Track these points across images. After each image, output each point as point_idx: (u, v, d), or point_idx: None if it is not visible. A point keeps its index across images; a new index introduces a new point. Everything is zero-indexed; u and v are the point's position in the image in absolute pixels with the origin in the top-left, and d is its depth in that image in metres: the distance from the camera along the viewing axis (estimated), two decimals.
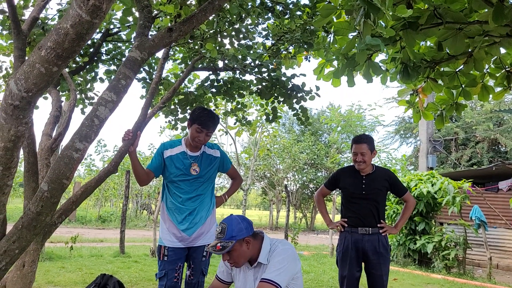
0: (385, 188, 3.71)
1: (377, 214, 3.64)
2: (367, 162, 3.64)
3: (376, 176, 3.71)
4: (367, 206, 3.65)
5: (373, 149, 3.70)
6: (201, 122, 3.12)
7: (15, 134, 1.55)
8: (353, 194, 3.71)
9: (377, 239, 3.59)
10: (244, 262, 2.39)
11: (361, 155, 3.64)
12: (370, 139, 3.71)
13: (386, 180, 3.72)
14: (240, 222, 2.37)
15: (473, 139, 19.91)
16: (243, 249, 2.34)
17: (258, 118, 12.35)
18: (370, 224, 3.62)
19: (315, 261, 9.91)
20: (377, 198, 3.66)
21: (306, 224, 27.25)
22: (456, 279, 8.03)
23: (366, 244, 3.60)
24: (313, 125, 25.97)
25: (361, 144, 3.66)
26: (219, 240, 2.31)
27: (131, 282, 6.11)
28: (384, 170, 3.83)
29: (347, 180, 3.78)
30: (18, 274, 2.29)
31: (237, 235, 2.31)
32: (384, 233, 3.63)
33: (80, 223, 19.47)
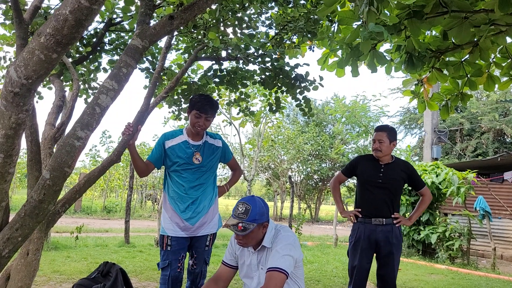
0: (402, 180, 3.69)
1: (392, 204, 3.61)
2: (383, 150, 3.63)
3: (394, 166, 3.70)
4: (382, 196, 3.62)
5: (393, 139, 3.68)
6: (199, 107, 3.11)
7: (15, 122, 1.55)
8: (369, 182, 3.68)
9: (390, 230, 3.57)
10: (254, 244, 2.41)
11: (378, 142, 3.64)
12: (391, 129, 3.73)
13: (404, 171, 3.69)
14: (263, 206, 2.39)
15: (479, 130, 19.79)
16: (259, 232, 2.37)
17: (262, 108, 12.31)
18: (384, 215, 3.59)
19: (319, 251, 9.94)
20: (393, 188, 3.63)
21: (310, 215, 27.31)
22: (460, 270, 8.03)
23: (379, 235, 3.56)
24: (317, 116, 25.90)
25: (381, 132, 3.69)
26: (240, 220, 2.31)
27: (135, 271, 6.16)
28: (404, 162, 3.81)
29: (365, 167, 3.76)
30: (22, 262, 2.31)
31: (258, 219, 2.32)
32: (398, 224, 3.61)
33: (85, 213, 19.61)
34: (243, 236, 2.35)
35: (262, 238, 2.40)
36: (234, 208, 2.40)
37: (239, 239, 2.38)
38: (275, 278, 2.19)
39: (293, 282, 2.39)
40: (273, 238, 2.39)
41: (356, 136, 25.44)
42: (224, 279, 2.58)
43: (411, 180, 3.75)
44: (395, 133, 3.74)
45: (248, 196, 2.44)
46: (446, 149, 20.46)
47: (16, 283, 2.22)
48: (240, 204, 2.36)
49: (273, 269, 2.22)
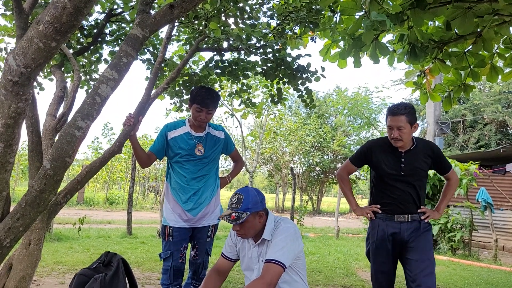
0: (427, 166, 3.08)
1: (418, 198, 3.05)
2: (405, 139, 2.97)
3: (417, 152, 3.05)
4: (407, 190, 3.03)
5: (414, 121, 2.99)
6: (200, 101, 3.10)
7: (15, 111, 1.55)
8: (389, 175, 3.07)
9: (418, 227, 3.01)
10: (253, 235, 2.41)
11: (397, 130, 2.95)
12: (410, 109, 2.97)
13: (429, 156, 3.06)
14: (256, 195, 2.39)
15: (481, 121, 19.74)
16: (255, 222, 2.36)
17: (263, 100, 12.29)
18: (409, 210, 3.03)
19: (320, 243, 9.97)
20: (418, 179, 3.05)
21: (312, 206, 27.35)
22: (462, 261, 8.05)
23: (406, 233, 3.01)
24: (319, 107, 25.86)
25: (398, 116, 2.94)
26: (233, 210, 2.32)
27: (138, 262, 6.19)
28: (427, 143, 3.14)
29: (382, 157, 3.11)
30: (24, 252, 2.32)
31: (252, 208, 2.33)
32: (427, 219, 3.04)
33: (88, 205, 19.69)
34: (240, 227, 2.35)
35: (261, 229, 2.40)
36: (230, 200, 2.42)
37: (237, 230, 2.38)
38: (271, 270, 2.18)
39: (295, 273, 2.39)
40: (273, 230, 2.39)
41: (358, 128, 25.40)
42: (224, 271, 2.59)
43: (436, 164, 3.13)
44: (414, 112, 3.03)
45: (242, 187, 2.45)
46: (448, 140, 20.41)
47: (18, 272, 2.23)
48: (233, 195, 2.38)
49: (270, 261, 2.22)
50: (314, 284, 5.31)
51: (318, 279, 5.70)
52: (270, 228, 2.39)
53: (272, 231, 2.38)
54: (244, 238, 2.44)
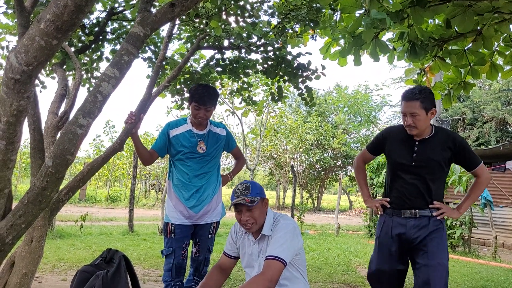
0: (444, 159, 2.76)
1: (428, 192, 2.77)
2: (419, 126, 2.72)
3: (434, 142, 2.77)
4: (415, 182, 2.78)
5: (431, 107, 2.71)
6: (197, 99, 3.11)
7: (17, 109, 1.56)
8: (399, 165, 2.84)
9: (426, 224, 2.73)
10: (260, 225, 2.42)
11: (411, 117, 2.70)
12: (425, 94, 2.71)
13: (449, 147, 2.75)
14: (260, 185, 2.47)
15: (481, 119, 19.72)
16: (263, 208, 2.42)
17: (264, 98, 12.29)
18: (417, 205, 2.77)
19: (320, 240, 9.99)
20: (430, 172, 2.76)
21: (313, 204, 27.39)
22: (461, 258, 8.07)
23: (412, 231, 2.74)
24: (319, 105, 25.86)
25: (412, 101, 2.69)
26: (245, 196, 2.35)
27: (139, 259, 6.21)
28: (448, 134, 2.82)
29: (395, 145, 2.89)
30: (27, 249, 2.34)
31: (260, 193, 2.40)
32: (440, 216, 2.75)
33: (90, 202, 19.73)
34: (251, 215, 2.36)
35: (262, 223, 2.42)
36: (233, 192, 2.43)
37: (246, 219, 2.38)
38: (272, 267, 2.20)
39: (295, 269, 2.40)
40: (273, 226, 2.41)
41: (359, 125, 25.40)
42: (226, 268, 2.62)
43: (458, 157, 2.79)
44: (432, 97, 2.75)
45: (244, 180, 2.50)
46: None
47: (21, 269, 2.25)
48: (239, 185, 2.42)
49: (271, 257, 2.23)
50: (315, 281, 5.33)
51: (318, 276, 5.72)
52: (270, 224, 2.42)
53: (271, 227, 2.41)
54: (252, 229, 2.42)
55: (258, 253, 2.45)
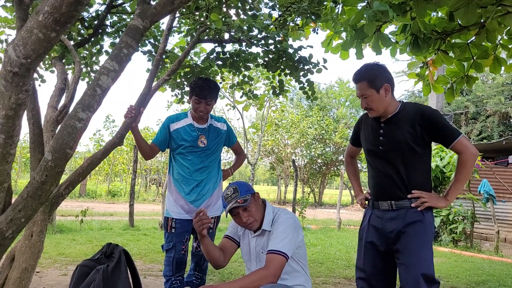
0: (414, 138, 2.39)
1: (401, 180, 2.43)
2: (375, 108, 2.45)
3: (400, 120, 2.45)
4: (386, 170, 2.47)
5: (380, 84, 2.42)
6: (198, 92, 3.10)
7: (16, 102, 1.54)
8: (369, 152, 2.59)
9: (403, 216, 2.39)
10: (260, 220, 2.41)
11: (364, 100, 2.47)
12: (372, 71, 2.45)
13: (419, 124, 2.39)
14: (245, 183, 2.46)
15: (484, 113, 19.66)
16: (257, 203, 2.42)
17: (265, 92, 12.26)
18: (393, 196, 2.45)
19: (322, 235, 10.00)
20: (399, 155, 2.42)
21: (314, 199, 27.42)
22: (463, 252, 8.06)
23: (387, 224, 2.44)
24: (321, 100, 25.82)
25: (359, 82, 2.47)
26: (236, 198, 2.34)
27: (140, 254, 6.22)
28: (416, 108, 2.46)
29: (365, 131, 2.66)
30: (27, 243, 2.33)
31: (249, 190, 2.38)
32: (421, 207, 2.38)
33: (90, 197, 19.78)
34: (248, 214, 2.36)
35: (261, 218, 2.41)
36: (223, 198, 2.41)
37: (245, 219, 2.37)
38: (275, 261, 2.20)
39: (296, 263, 2.40)
40: (273, 221, 2.40)
41: None
42: (227, 250, 2.57)
43: (432, 133, 2.40)
44: (381, 71, 2.46)
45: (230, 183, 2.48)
46: None
47: (21, 264, 2.24)
48: (226, 191, 2.39)
49: (273, 251, 2.23)
50: (316, 276, 5.33)
51: (319, 271, 5.72)
52: (269, 219, 2.41)
53: (271, 222, 2.40)
54: (255, 226, 2.41)
55: (256, 247, 2.44)
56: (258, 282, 2.16)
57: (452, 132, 2.37)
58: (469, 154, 2.34)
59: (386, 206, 2.47)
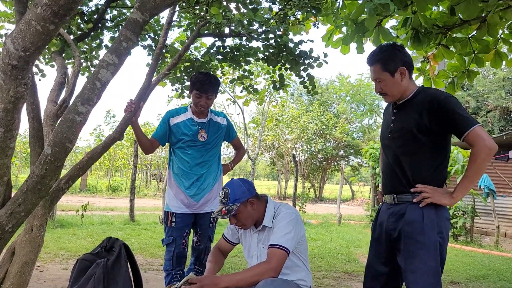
0: (419, 126, 2.16)
1: (402, 172, 2.23)
2: (389, 92, 2.27)
3: (411, 105, 2.24)
4: (389, 160, 2.32)
5: (395, 67, 2.23)
6: (198, 87, 3.10)
7: (14, 95, 1.53)
8: (382, 141, 2.43)
9: (404, 212, 2.19)
10: (252, 223, 2.42)
11: (378, 84, 2.30)
12: (386, 52, 2.26)
13: (427, 110, 2.14)
14: (242, 184, 2.39)
15: (484, 108, 19.64)
16: (248, 210, 2.37)
17: (265, 87, 12.24)
18: (396, 189, 2.26)
19: (322, 229, 10.02)
20: (402, 144, 2.23)
21: (315, 194, 27.45)
22: (463, 247, 8.08)
23: (389, 220, 2.27)
24: (322, 94, 25.79)
25: (373, 65, 2.29)
26: (223, 205, 2.35)
27: (141, 248, 6.23)
28: (430, 93, 2.21)
29: (383, 118, 2.50)
30: (27, 237, 2.33)
31: (240, 198, 2.34)
32: (423, 203, 2.14)
33: (91, 192, 19.80)
34: (236, 219, 2.38)
35: (261, 217, 2.41)
36: (219, 195, 2.45)
37: (234, 223, 2.41)
38: (276, 255, 2.20)
39: (297, 258, 2.40)
40: (274, 217, 2.40)
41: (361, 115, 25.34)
42: (225, 251, 2.65)
43: (443, 122, 2.12)
44: (396, 53, 2.26)
45: (228, 182, 2.45)
46: None
47: (21, 258, 2.25)
48: (221, 192, 2.40)
49: (274, 246, 2.23)
50: (316, 270, 5.34)
51: (320, 265, 5.73)
52: (270, 215, 2.40)
53: (272, 218, 2.39)
54: (246, 228, 2.46)
55: (258, 242, 2.44)
56: (260, 276, 2.16)
57: (466, 121, 2.06)
58: (482, 146, 2.03)
59: (390, 200, 2.29)
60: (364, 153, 11.39)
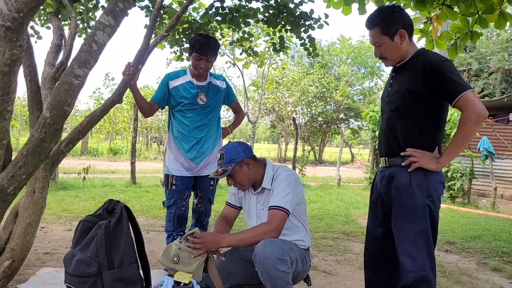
0: (413, 89, 2.13)
1: (393, 134, 2.23)
2: (389, 56, 2.24)
3: (407, 69, 2.21)
4: (384, 123, 2.31)
5: (394, 30, 2.18)
6: (198, 49, 3.05)
7: (10, 58, 1.52)
8: (381, 104, 2.40)
9: (394, 175, 2.20)
10: (249, 184, 2.46)
11: (377, 48, 2.26)
12: (385, 14, 2.21)
13: (420, 73, 2.11)
14: (237, 146, 2.44)
15: (487, 70, 19.43)
16: (244, 170, 2.41)
17: (266, 49, 12.07)
18: (388, 152, 2.27)
19: (321, 191, 10.14)
20: (396, 108, 2.21)
21: (314, 156, 27.60)
22: (460, 208, 8.20)
23: (381, 183, 2.29)
24: (322, 57, 25.48)
25: (372, 29, 2.24)
26: (219, 166, 2.40)
27: (142, 210, 6.33)
28: (427, 55, 2.16)
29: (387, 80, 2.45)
30: (29, 200, 2.36)
31: (235, 158, 2.38)
32: (411, 167, 2.13)
33: (92, 155, 19.91)
34: (233, 179, 2.43)
35: (260, 179, 2.44)
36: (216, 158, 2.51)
37: (231, 183, 2.46)
38: (277, 216, 2.25)
39: (296, 219, 2.44)
40: (273, 179, 2.42)
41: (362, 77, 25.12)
42: (230, 218, 2.68)
43: (436, 85, 2.07)
44: (395, 16, 2.19)
45: (225, 144, 2.50)
46: None
47: (25, 219, 2.29)
48: (217, 153, 2.45)
49: (275, 207, 2.27)
50: (315, 231, 5.44)
51: (319, 226, 5.83)
52: (269, 177, 2.43)
53: (271, 180, 2.42)
54: (243, 190, 2.50)
55: (257, 204, 2.48)
56: (261, 236, 2.21)
57: (458, 87, 2.01)
58: (471, 112, 1.98)
59: (383, 163, 2.30)
60: (364, 116, 11.37)
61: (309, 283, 2.57)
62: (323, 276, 3.63)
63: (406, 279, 2.07)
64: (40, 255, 3.77)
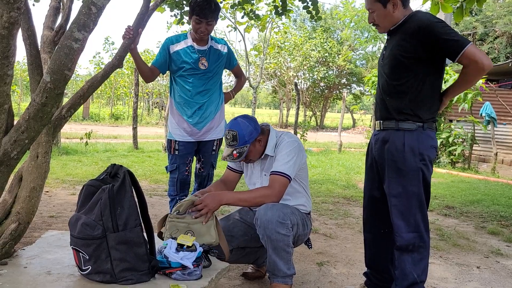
0: (405, 52, 2.11)
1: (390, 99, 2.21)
2: (381, 24, 2.24)
3: (400, 32, 2.17)
4: (380, 86, 2.31)
5: None
6: (198, 12, 2.99)
7: (8, 21, 1.49)
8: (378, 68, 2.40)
9: (388, 138, 2.20)
10: (258, 157, 2.47)
11: (370, 14, 2.26)
12: None
13: (414, 36, 2.07)
14: (248, 124, 2.37)
15: (492, 34, 19.11)
16: (256, 148, 2.41)
17: (267, 13, 11.83)
18: (382, 115, 2.26)
19: (323, 157, 10.19)
20: (390, 72, 2.20)
21: (316, 122, 27.58)
22: (460, 173, 8.25)
23: (375, 147, 2.31)
24: (325, 21, 25.02)
25: None
26: (233, 148, 2.35)
27: (145, 175, 6.39)
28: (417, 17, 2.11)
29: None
30: (33, 164, 2.37)
31: (249, 139, 2.35)
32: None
33: (93, 120, 19.93)
34: (246, 159, 2.42)
35: (264, 148, 2.44)
36: (224, 137, 2.45)
37: (242, 161, 2.45)
38: (278, 181, 2.26)
39: (298, 184, 2.46)
40: (276, 146, 2.42)
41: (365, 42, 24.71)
42: (231, 181, 2.68)
43: (433, 46, 2.04)
44: None
45: (231, 121, 2.41)
46: None
47: (29, 183, 2.31)
48: (227, 133, 2.37)
49: (276, 173, 2.29)
50: (316, 196, 5.50)
51: (320, 191, 5.90)
52: (272, 144, 2.43)
53: (274, 147, 2.42)
54: (252, 163, 2.50)
55: (261, 171, 2.49)
56: (262, 199, 2.24)
57: (457, 43, 1.97)
58: (475, 64, 1.96)
59: (378, 126, 2.29)
60: (366, 81, 11.27)
61: (309, 246, 2.62)
62: (323, 239, 3.70)
63: (401, 240, 2.14)
64: (45, 218, 3.84)
